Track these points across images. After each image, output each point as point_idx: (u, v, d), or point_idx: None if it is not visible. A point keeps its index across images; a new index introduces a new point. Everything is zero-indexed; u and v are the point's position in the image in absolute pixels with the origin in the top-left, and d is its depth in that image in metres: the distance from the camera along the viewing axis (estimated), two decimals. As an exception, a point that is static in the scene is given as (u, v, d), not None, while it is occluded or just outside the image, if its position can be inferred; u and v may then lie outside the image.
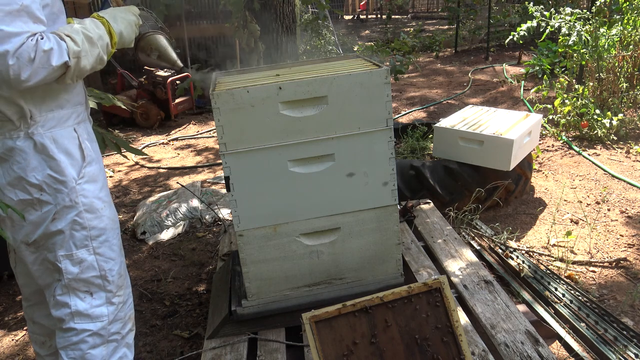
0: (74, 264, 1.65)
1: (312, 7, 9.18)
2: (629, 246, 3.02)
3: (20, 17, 1.37)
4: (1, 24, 1.34)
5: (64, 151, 1.60)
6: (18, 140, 1.54)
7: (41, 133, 1.56)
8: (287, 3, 3.48)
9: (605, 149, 4.47)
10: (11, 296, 2.99)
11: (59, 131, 1.60)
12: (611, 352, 2.12)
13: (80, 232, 1.65)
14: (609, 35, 4.87)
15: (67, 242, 1.64)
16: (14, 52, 1.35)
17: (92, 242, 1.67)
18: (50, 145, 1.57)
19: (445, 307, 1.62)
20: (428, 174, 3.45)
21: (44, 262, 1.68)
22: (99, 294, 1.70)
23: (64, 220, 1.62)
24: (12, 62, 1.35)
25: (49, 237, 1.63)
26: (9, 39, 1.35)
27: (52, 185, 1.59)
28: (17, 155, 1.55)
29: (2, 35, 1.34)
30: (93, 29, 1.55)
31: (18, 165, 1.55)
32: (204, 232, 3.62)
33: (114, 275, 1.73)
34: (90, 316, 1.69)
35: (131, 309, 1.83)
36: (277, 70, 2.24)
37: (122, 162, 5.23)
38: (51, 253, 1.65)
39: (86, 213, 1.65)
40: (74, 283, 1.66)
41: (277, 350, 1.98)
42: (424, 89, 7.27)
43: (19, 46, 1.35)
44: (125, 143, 2.58)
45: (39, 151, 1.56)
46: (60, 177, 1.59)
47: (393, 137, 1.99)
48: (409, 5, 17.67)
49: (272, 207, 1.99)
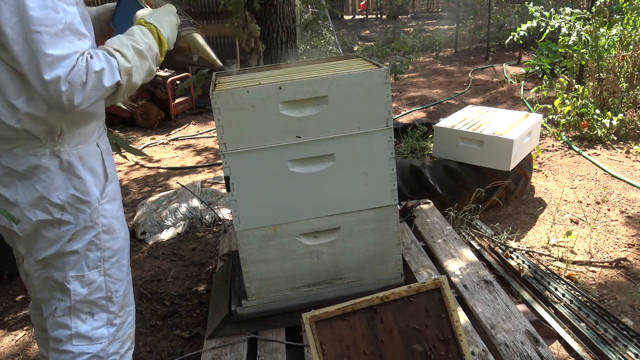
0: (83, 285, 1.56)
1: (312, 7, 9.17)
2: (629, 246, 3.02)
3: (65, 36, 1.28)
4: (49, 47, 1.25)
5: (90, 169, 1.53)
6: (43, 158, 1.45)
7: (67, 150, 1.48)
8: (287, 3, 3.47)
9: (605, 149, 4.47)
10: (11, 296, 2.98)
11: (84, 148, 1.52)
12: (611, 352, 2.12)
13: (94, 253, 1.56)
14: (609, 35, 4.87)
15: (80, 263, 1.55)
16: (66, 78, 1.27)
17: (104, 263, 1.59)
18: (76, 163, 1.49)
19: (445, 307, 1.61)
20: (428, 174, 3.45)
21: (47, 280, 1.57)
22: (100, 315, 1.61)
23: (81, 241, 1.53)
24: (64, 88, 1.27)
25: (61, 256, 1.53)
26: (59, 63, 1.26)
27: (74, 205, 1.50)
28: (42, 173, 1.45)
29: (51, 61, 1.25)
30: (142, 39, 1.48)
31: (42, 184, 1.46)
32: (204, 232, 3.62)
33: (119, 296, 1.65)
34: (90, 338, 1.60)
35: (131, 327, 1.74)
36: (277, 70, 2.24)
37: (122, 162, 5.23)
38: (59, 272, 1.55)
39: (104, 234, 1.57)
40: (79, 305, 1.57)
41: (277, 350, 1.98)
42: (424, 89, 7.27)
43: (70, 70, 1.27)
44: (125, 143, 2.58)
45: (64, 169, 1.48)
46: (84, 197, 1.51)
47: (393, 137, 1.99)
48: (409, 5, 17.66)
49: (272, 207, 1.99)
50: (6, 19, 1.24)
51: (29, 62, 1.26)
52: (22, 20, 1.25)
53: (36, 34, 1.25)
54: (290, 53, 3.53)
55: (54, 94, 1.28)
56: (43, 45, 1.25)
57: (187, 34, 1.69)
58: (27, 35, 1.25)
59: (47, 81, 1.26)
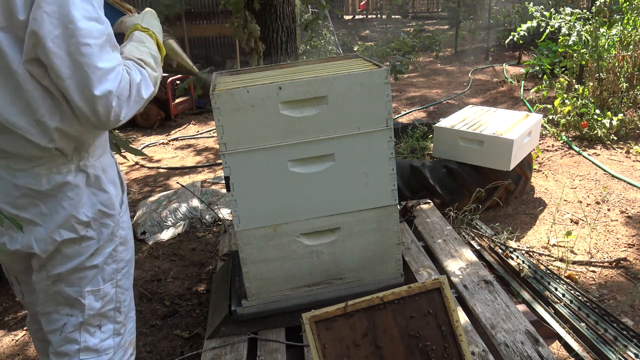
0: (97, 299, 1.50)
1: (312, 7, 9.17)
2: (629, 246, 3.02)
3: (107, 48, 1.22)
4: (98, 60, 1.18)
5: (112, 182, 1.48)
6: (69, 175, 1.37)
7: (93, 165, 1.42)
8: (287, 3, 3.48)
9: (605, 149, 4.47)
10: (11, 296, 2.98)
11: (105, 159, 1.47)
12: (611, 352, 2.12)
13: (110, 266, 1.51)
14: (609, 35, 4.87)
15: (97, 277, 1.49)
16: (116, 92, 1.21)
17: (117, 274, 1.54)
18: (102, 176, 1.44)
19: (445, 307, 1.61)
20: (428, 174, 3.45)
21: (55, 295, 1.49)
22: (107, 327, 1.56)
23: (101, 256, 1.48)
24: (114, 102, 1.21)
25: (79, 271, 1.46)
26: (107, 76, 1.19)
27: (99, 220, 1.44)
28: (69, 191, 1.38)
29: (101, 75, 1.19)
30: (152, 46, 1.44)
31: (69, 202, 1.38)
32: (204, 232, 3.62)
33: (126, 306, 1.61)
34: (98, 351, 1.55)
35: (132, 333, 1.69)
36: (277, 70, 2.24)
37: (122, 162, 5.23)
38: (73, 287, 1.47)
39: (120, 246, 1.53)
40: (91, 319, 1.51)
41: (277, 350, 1.98)
42: (424, 89, 7.27)
43: (119, 83, 1.21)
44: (125, 143, 2.58)
45: (90, 185, 1.41)
46: (110, 211, 1.46)
47: (393, 137, 1.99)
48: (409, 5, 17.67)
49: (272, 207, 1.99)
50: (48, 31, 1.15)
51: (72, 77, 1.19)
52: (68, 32, 1.16)
53: (85, 46, 1.17)
54: (290, 53, 3.53)
55: (102, 110, 1.21)
56: (93, 58, 1.18)
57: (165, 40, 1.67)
58: (72, 48, 1.17)
59: (96, 96, 1.19)
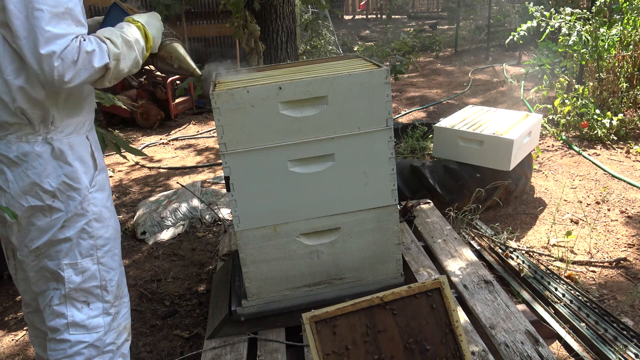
0: (77, 273, 1.63)
1: (312, 7, 9.17)
2: (629, 246, 3.02)
3: (64, 19, 1.39)
4: (48, 25, 1.35)
5: (79, 158, 1.60)
6: (36, 145, 1.53)
7: (60, 139, 1.56)
8: (287, 3, 3.48)
9: (605, 149, 4.47)
10: (11, 296, 2.99)
11: (74, 138, 1.60)
12: (611, 352, 2.12)
13: (87, 241, 1.63)
14: (609, 35, 4.87)
15: (72, 250, 1.62)
16: (60, 54, 1.36)
17: (97, 251, 1.65)
18: (67, 151, 1.57)
19: (445, 307, 1.62)
20: (428, 174, 3.45)
21: (42, 270, 1.64)
22: (95, 305, 1.67)
23: (73, 228, 1.60)
24: (57, 63, 1.36)
25: (54, 244, 1.60)
26: (55, 40, 1.36)
27: (65, 192, 1.57)
28: (34, 160, 1.53)
29: (49, 36, 1.36)
30: (130, 32, 1.57)
31: (33, 171, 1.53)
32: (204, 232, 3.62)
33: (113, 285, 1.71)
34: (86, 327, 1.65)
35: (127, 319, 1.80)
36: (277, 70, 2.24)
37: (123, 162, 5.23)
38: (53, 261, 1.62)
39: (95, 222, 1.64)
40: (74, 293, 1.64)
41: (277, 350, 1.98)
42: (424, 89, 7.27)
43: (65, 48, 1.37)
44: (125, 143, 2.58)
45: (55, 157, 1.55)
46: (74, 184, 1.58)
47: (393, 137, 1.99)
48: (409, 5, 17.67)
49: (272, 207, 1.99)
50: None
51: (27, 37, 1.36)
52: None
53: (38, 11, 1.35)
54: (290, 53, 3.54)
55: (47, 68, 1.37)
56: (43, 21, 1.35)
57: (169, 43, 1.82)
58: (29, 12, 1.35)
59: (42, 55, 1.35)
